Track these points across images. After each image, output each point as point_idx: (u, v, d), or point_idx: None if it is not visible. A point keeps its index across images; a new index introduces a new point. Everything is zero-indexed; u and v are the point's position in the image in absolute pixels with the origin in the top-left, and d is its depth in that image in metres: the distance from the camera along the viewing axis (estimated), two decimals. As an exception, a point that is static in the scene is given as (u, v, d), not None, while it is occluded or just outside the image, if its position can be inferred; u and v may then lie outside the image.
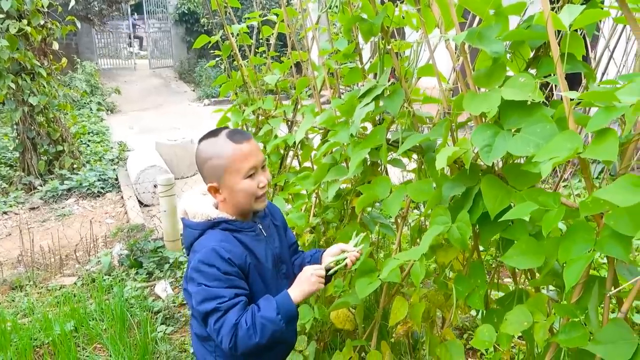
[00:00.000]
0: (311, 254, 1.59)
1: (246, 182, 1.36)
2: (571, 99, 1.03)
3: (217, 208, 1.43)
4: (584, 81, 1.90)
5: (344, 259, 1.44)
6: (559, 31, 1.28)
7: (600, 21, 1.80)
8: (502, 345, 1.24)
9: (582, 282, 1.14)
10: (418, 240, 1.74)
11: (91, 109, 10.69)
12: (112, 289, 3.44)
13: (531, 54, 1.40)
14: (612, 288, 1.10)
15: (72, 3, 6.07)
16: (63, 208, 5.37)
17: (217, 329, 1.27)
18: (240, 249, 1.36)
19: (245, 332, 1.25)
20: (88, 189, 5.81)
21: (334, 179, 1.88)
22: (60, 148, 6.21)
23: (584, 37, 1.38)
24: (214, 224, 1.38)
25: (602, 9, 1.11)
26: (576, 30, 1.31)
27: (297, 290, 1.36)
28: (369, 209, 2.12)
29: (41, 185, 5.87)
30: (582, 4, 1.25)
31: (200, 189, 1.49)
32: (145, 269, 3.78)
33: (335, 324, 1.92)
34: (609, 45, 1.90)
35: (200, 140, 1.41)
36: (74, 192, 5.79)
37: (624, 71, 2.23)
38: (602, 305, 1.11)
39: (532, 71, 1.39)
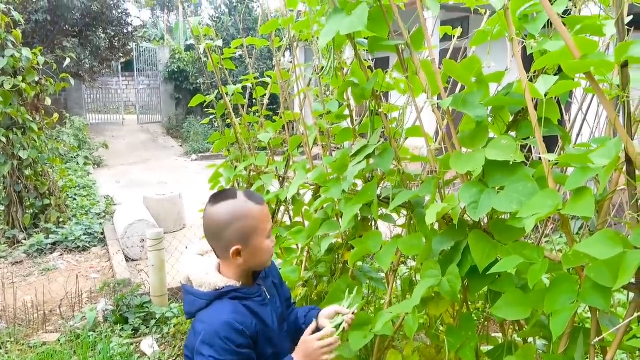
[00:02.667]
0: (305, 313, 1.59)
1: (268, 241, 1.40)
2: (549, 160, 1.13)
3: (219, 271, 1.42)
4: (560, 141, 2.03)
5: (341, 323, 1.44)
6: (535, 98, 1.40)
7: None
8: (494, 397, 1.27)
9: (568, 333, 1.19)
10: (409, 294, 1.79)
11: (78, 163, 10.71)
12: (97, 345, 3.37)
13: (511, 118, 1.51)
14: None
15: (67, 61, 6.24)
16: (47, 262, 5.29)
17: None
18: (249, 318, 1.35)
19: None
20: (74, 243, 5.74)
21: (326, 233, 1.94)
22: (47, 202, 6.19)
23: (558, 102, 1.51)
24: (221, 294, 1.36)
25: (573, 79, 1.23)
26: (551, 97, 1.43)
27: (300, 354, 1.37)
28: (360, 263, 2.17)
29: (25, 239, 5.79)
30: (555, 73, 1.38)
31: (194, 250, 1.51)
32: (131, 324, 3.71)
33: (328, 380, 1.91)
34: (582, 109, 2.05)
35: (213, 203, 1.38)
36: (59, 246, 5.72)
37: (597, 132, 2.38)
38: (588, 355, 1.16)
39: (512, 133, 1.49)
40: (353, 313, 1.47)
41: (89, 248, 5.79)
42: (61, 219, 6.28)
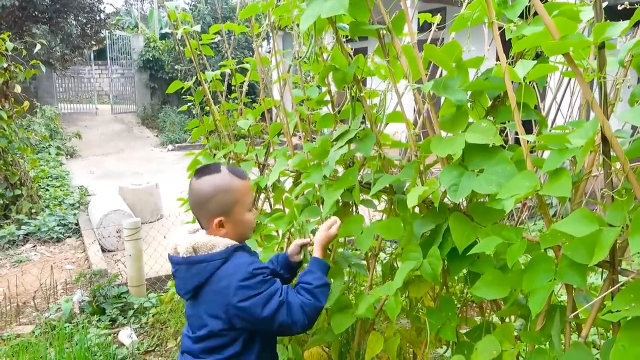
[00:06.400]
0: (275, 259, 1.72)
1: (250, 214, 1.51)
2: (528, 142, 1.15)
3: None
4: (535, 129, 2.07)
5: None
6: (513, 83, 1.42)
7: (548, 77, 1.99)
8: (473, 375, 1.30)
9: (545, 311, 1.23)
10: (389, 278, 1.81)
11: (50, 153, 10.47)
12: (73, 336, 3.32)
13: (489, 103, 1.54)
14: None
15: (38, 47, 6.07)
16: (20, 254, 5.17)
17: (290, 318, 1.38)
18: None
19: (312, 304, 1.41)
20: (47, 234, 5.63)
21: (307, 219, 1.95)
22: (18, 192, 6.04)
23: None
24: (236, 249, 1.44)
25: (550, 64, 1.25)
26: (529, 83, 1.46)
27: (318, 249, 1.55)
28: (341, 249, 2.19)
29: (-4, 231, 5.66)
30: (533, 59, 1.40)
31: (187, 228, 1.52)
32: (108, 315, 3.67)
33: (309, 364, 1.94)
34: (556, 98, 2.09)
35: (198, 177, 1.47)
36: (32, 237, 5.60)
37: (570, 120, 2.43)
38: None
39: (491, 118, 1.52)
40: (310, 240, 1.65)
41: (63, 239, 5.68)
42: (33, 210, 6.14)
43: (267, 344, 1.51)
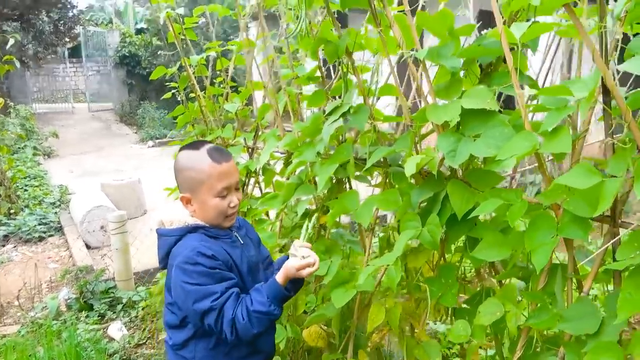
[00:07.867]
0: (279, 264, 1.59)
1: (217, 200, 1.41)
2: (529, 95, 1.15)
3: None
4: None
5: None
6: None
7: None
8: (476, 337, 1.31)
9: (546, 270, 1.24)
10: (387, 250, 1.81)
11: (26, 154, 10.22)
12: (61, 334, 3.26)
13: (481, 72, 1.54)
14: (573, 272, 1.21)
15: (11, 42, 5.90)
16: (0, 254, 5.05)
17: (220, 326, 1.32)
18: (220, 248, 1.41)
19: (243, 325, 1.31)
20: (28, 233, 5.50)
21: (300, 198, 1.94)
22: (-5, 192, 5.90)
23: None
24: (192, 229, 1.42)
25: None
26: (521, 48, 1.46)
27: (280, 275, 1.39)
28: (334, 230, 2.18)
29: (-26, 232, 5.52)
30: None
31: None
32: (96, 311, 3.61)
33: (308, 342, 1.93)
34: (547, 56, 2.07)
35: (182, 148, 1.48)
36: (13, 237, 5.47)
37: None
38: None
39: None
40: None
41: (45, 238, 5.56)
42: (12, 210, 6.00)
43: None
